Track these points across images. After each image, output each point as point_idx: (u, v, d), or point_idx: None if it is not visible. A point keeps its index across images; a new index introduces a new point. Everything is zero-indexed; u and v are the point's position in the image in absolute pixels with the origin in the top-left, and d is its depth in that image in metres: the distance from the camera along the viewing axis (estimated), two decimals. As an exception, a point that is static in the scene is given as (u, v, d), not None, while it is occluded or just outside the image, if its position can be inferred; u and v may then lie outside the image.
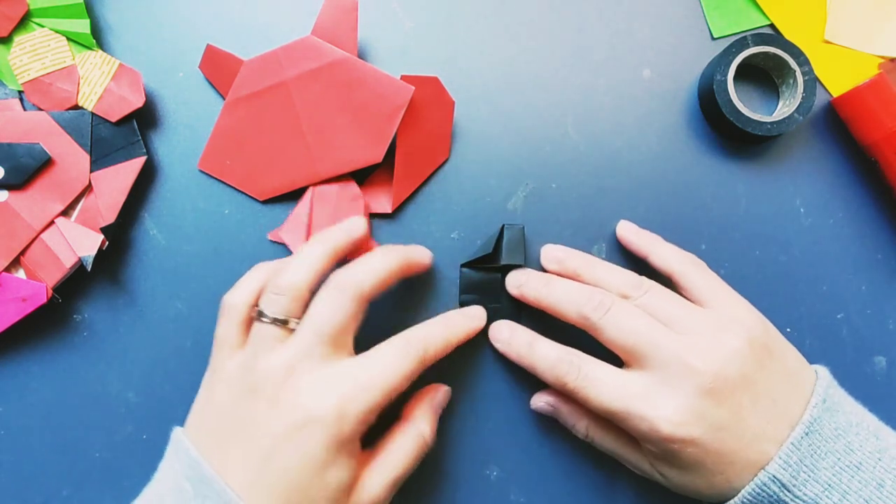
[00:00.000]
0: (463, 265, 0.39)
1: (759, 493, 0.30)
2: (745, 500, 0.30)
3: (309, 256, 0.33)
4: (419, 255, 0.36)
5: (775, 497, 0.30)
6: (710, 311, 0.33)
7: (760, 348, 0.32)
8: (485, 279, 0.38)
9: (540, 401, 0.37)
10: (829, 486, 0.30)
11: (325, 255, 0.33)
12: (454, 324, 0.35)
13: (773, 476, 0.30)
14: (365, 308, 0.33)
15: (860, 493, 0.29)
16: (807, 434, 0.30)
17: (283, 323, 0.32)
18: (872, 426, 0.31)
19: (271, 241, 0.39)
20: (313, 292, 0.33)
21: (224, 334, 0.33)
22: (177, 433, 0.32)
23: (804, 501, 0.30)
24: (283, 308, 0.32)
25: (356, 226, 0.35)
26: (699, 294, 0.34)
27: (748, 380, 0.31)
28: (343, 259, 0.34)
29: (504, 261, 0.37)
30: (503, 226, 0.37)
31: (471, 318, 0.36)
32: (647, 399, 0.31)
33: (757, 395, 0.31)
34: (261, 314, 0.32)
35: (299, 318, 0.32)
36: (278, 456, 0.29)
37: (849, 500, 0.29)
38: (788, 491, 0.30)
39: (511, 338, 0.36)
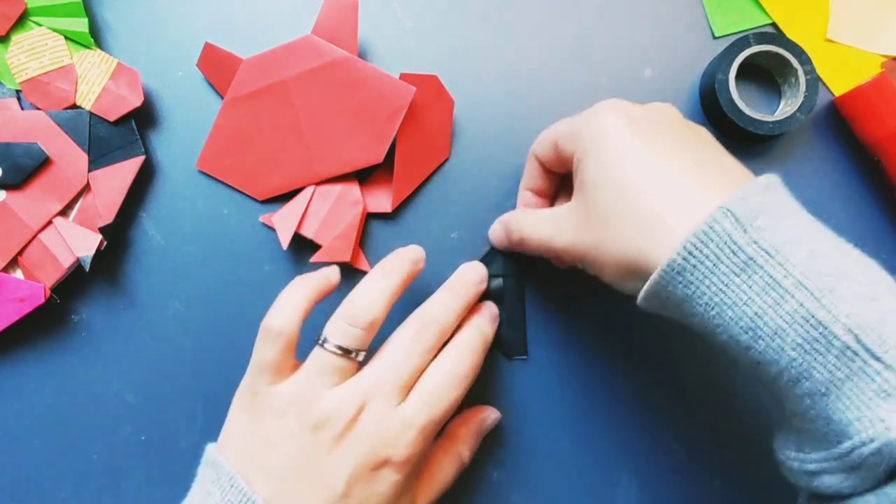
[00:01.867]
0: None
1: (705, 234, 0.24)
2: (688, 244, 0.25)
3: (385, 288, 0.32)
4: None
5: (726, 237, 0.24)
6: None
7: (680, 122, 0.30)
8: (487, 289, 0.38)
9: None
10: (793, 239, 0.24)
11: (397, 286, 0.33)
12: (488, 332, 0.35)
13: (728, 209, 0.24)
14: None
15: (828, 257, 0.24)
16: (766, 188, 0.26)
17: (348, 352, 0.31)
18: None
19: (262, 223, 0.39)
20: None
21: (268, 359, 0.31)
22: (216, 458, 0.31)
23: (764, 250, 0.24)
24: (357, 341, 0.31)
25: (419, 256, 0.34)
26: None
27: (674, 133, 0.29)
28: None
29: (504, 270, 0.37)
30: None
31: (494, 319, 0.36)
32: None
33: (685, 148, 0.28)
34: (325, 340, 0.31)
35: (365, 350, 0.32)
36: (351, 497, 0.30)
37: (816, 260, 0.24)
38: (745, 231, 0.24)
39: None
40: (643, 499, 0.38)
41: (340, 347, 0.31)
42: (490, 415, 0.37)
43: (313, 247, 0.38)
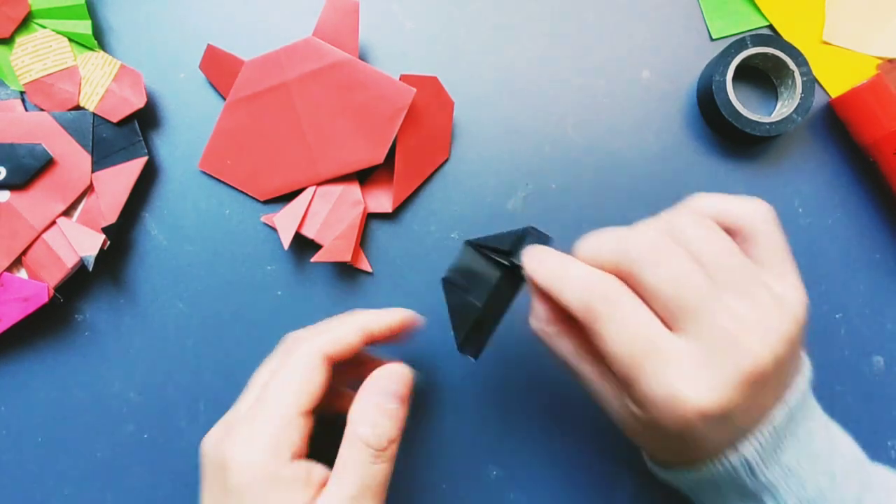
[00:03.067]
0: (468, 242, 0.32)
1: (722, 473, 0.27)
2: (705, 476, 0.28)
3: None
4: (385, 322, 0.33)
5: (737, 480, 0.27)
6: (766, 272, 0.27)
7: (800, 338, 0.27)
8: (481, 269, 0.33)
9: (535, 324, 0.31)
10: (790, 471, 0.27)
11: None
12: (362, 320, 0.32)
13: (745, 459, 0.27)
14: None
15: (815, 482, 0.27)
16: (790, 420, 0.27)
17: None
18: (821, 413, 0.29)
19: (264, 224, 0.39)
20: None
21: None
22: None
23: (764, 486, 0.27)
24: None
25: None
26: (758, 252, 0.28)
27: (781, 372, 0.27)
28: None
29: (517, 261, 0.31)
30: (528, 228, 0.31)
31: (382, 312, 0.33)
32: (678, 362, 0.25)
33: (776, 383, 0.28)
34: None
35: None
36: None
37: (805, 490, 0.27)
38: (754, 476, 0.27)
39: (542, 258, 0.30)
40: (641, 497, 0.38)
41: None
42: (380, 375, 0.31)
43: (314, 247, 0.38)
